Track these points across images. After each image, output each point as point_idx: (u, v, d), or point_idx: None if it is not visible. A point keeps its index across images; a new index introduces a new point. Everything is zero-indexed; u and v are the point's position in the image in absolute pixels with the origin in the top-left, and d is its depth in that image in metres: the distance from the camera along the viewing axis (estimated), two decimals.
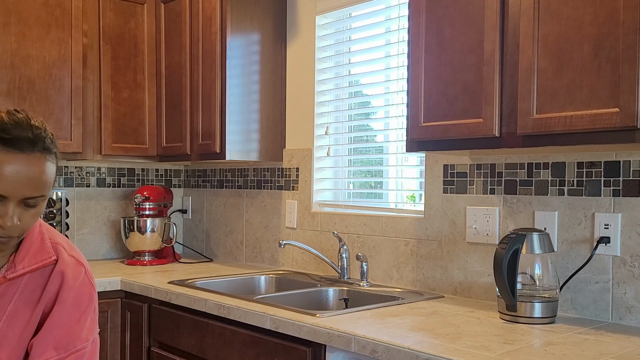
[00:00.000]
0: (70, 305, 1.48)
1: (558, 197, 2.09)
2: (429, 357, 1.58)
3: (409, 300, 2.27)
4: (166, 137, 3.19)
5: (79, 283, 1.51)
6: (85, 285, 1.53)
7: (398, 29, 2.64)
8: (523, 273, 1.96)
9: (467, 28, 1.92)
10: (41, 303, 1.47)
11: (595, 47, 1.62)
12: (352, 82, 2.90)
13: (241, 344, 2.16)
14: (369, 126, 2.92)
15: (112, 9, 3.10)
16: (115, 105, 3.11)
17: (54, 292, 1.48)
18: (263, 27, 3.00)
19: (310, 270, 2.92)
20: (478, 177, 2.31)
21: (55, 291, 1.48)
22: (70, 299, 1.49)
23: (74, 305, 1.49)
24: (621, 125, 1.57)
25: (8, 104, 2.77)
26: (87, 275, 1.54)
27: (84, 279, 1.53)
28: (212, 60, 2.89)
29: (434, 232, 2.45)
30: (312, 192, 2.97)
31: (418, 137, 2.06)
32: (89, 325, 1.52)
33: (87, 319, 1.52)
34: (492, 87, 1.85)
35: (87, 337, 1.50)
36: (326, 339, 1.84)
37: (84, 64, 3.00)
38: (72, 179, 3.33)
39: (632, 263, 1.92)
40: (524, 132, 1.77)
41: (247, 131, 2.95)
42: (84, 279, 1.53)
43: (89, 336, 1.51)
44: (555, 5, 1.70)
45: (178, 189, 3.74)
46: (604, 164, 1.98)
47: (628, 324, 1.92)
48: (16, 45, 2.80)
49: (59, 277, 1.48)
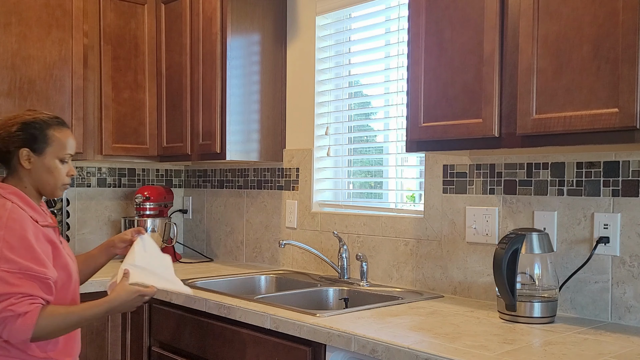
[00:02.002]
0: None
1: (557, 197, 2.09)
2: (428, 356, 1.58)
3: (408, 300, 2.27)
4: (167, 137, 3.19)
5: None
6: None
7: (398, 29, 2.64)
8: (522, 273, 1.97)
9: (466, 28, 1.92)
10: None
11: (594, 48, 1.63)
12: (352, 82, 2.91)
13: (241, 344, 2.16)
14: (369, 126, 2.93)
15: (113, 10, 3.11)
16: (115, 106, 3.12)
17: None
18: (263, 27, 3.00)
19: (310, 270, 2.93)
20: (478, 177, 2.31)
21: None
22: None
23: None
24: (620, 125, 1.57)
25: (9, 104, 2.78)
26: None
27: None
28: (212, 60, 2.90)
29: (434, 232, 2.45)
30: (312, 192, 2.97)
31: (418, 138, 2.07)
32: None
33: None
34: (491, 87, 1.86)
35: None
36: (326, 339, 1.85)
37: (84, 64, 3.00)
38: (73, 179, 3.33)
39: (631, 263, 1.93)
40: (523, 133, 1.77)
41: (248, 131, 2.95)
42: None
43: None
44: (555, 5, 1.70)
45: (178, 189, 3.74)
46: (603, 164, 1.98)
47: (627, 323, 1.93)
48: (17, 46, 2.81)
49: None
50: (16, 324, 1.72)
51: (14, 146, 1.89)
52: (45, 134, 1.91)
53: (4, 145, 1.90)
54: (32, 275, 1.76)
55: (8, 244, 1.75)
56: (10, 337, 1.74)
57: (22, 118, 1.91)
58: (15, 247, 1.76)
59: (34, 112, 1.96)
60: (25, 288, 1.74)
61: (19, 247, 1.76)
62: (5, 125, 1.91)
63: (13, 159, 1.90)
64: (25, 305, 1.73)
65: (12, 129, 1.89)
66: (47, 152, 1.92)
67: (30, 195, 1.91)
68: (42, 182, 1.93)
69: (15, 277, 1.73)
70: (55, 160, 1.93)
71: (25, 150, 1.89)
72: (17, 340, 1.76)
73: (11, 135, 1.89)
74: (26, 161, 1.89)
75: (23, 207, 1.84)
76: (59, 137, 1.94)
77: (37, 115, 1.94)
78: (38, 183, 1.93)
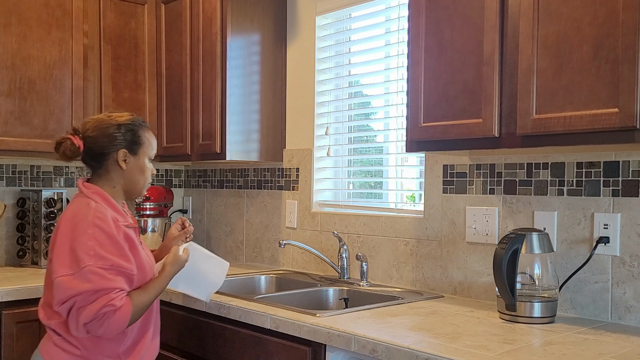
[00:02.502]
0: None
1: (557, 197, 2.09)
2: (428, 356, 1.58)
3: (408, 300, 2.27)
4: (167, 137, 3.19)
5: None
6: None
7: (398, 29, 2.64)
8: (522, 273, 1.97)
9: (466, 29, 1.92)
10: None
11: (594, 48, 1.63)
12: (352, 82, 2.91)
13: (241, 344, 2.16)
14: (369, 126, 2.93)
15: (113, 10, 3.11)
16: (115, 106, 3.12)
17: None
18: (263, 27, 3.00)
19: (310, 270, 2.93)
20: (477, 177, 2.31)
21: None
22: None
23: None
24: (620, 125, 1.57)
25: (9, 104, 2.78)
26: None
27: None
28: (212, 60, 2.90)
29: (434, 232, 2.45)
30: (312, 192, 2.97)
31: (418, 138, 2.07)
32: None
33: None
34: (491, 87, 1.86)
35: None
36: (326, 339, 1.85)
37: (84, 64, 3.00)
38: (73, 179, 3.33)
39: (631, 263, 1.93)
40: (523, 133, 1.77)
41: (248, 131, 2.95)
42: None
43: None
44: (555, 5, 1.70)
45: (178, 189, 3.74)
46: (603, 164, 1.98)
47: (627, 323, 1.93)
48: (17, 46, 2.81)
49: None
50: (114, 317, 1.79)
51: (112, 148, 1.94)
52: (139, 134, 1.99)
53: (101, 147, 1.94)
54: (122, 271, 1.83)
55: (99, 242, 1.81)
56: (107, 332, 1.81)
57: (114, 120, 1.96)
58: (105, 244, 1.82)
59: (120, 114, 2.00)
60: (119, 283, 1.82)
61: (108, 245, 1.83)
62: (99, 127, 1.95)
63: (108, 160, 1.95)
64: (122, 299, 1.81)
65: (108, 130, 1.94)
66: (140, 153, 2.00)
67: (116, 196, 1.98)
68: (133, 182, 2.01)
69: (110, 273, 1.80)
70: (146, 160, 2.03)
71: (123, 151, 1.95)
72: (113, 334, 1.85)
73: (110, 136, 1.94)
74: (123, 162, 1.96)
75: (105, 207, 1.90)
76: (149, 137, 2.03)
77: (129, 117, 2.00)
78: (129, 183, 2.00)
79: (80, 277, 1.77)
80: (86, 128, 1.96)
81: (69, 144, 1.93)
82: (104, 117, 1.99)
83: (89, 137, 1.94)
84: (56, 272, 1.80)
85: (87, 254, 1.78)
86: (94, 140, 1.94)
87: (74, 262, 1.79)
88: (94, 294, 1.77)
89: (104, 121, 1.96)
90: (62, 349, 1.87)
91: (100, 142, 1.94)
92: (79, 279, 1.77)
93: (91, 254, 1.79)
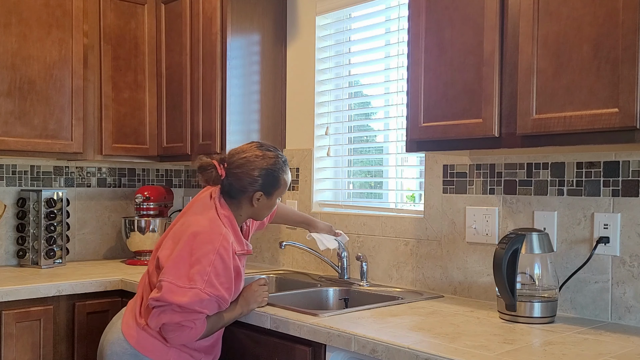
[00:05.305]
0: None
1: (557, 197, 2.09)
2: (428, 356, 1.58)
3: (408, 300, 2.27)
4: (167, 137, 3.19)
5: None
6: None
7: (398, 29, 2.64)
8: (522, 273, 1.97)
9: (466, 29, 1.92)
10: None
11: (594, 48, 1.63)
12: (352, 82, 2.91)
13: (241, 344, 2.16)
14: (369, 126, 2.93)
15: (113, 10, 3.11)
16: (115, 106, 3.12)
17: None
18: (263, 27, 3.00)
19: (310, 270, 2.93)
20: (477, 177, 2.31)
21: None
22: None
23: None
24: (620, 125, 1.57)
25: (8, 104, 2.78)
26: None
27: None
28: (212, 60, 2.90)
29: (434, 232, 2.45)
30: (312, 192, 2.97)
31: (418, 138, 2.07)
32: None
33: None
34: (491, 87, 1.86)
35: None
36: (326, 339, 1.85)
37: (84, 64, 3.00)
38: (73, 179, 3.33)
39: (631, 263, 1.93)
40: (523, 133, 1.77)
41: (248, 131, 2.95)
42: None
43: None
44: (555, 5, 1.70)
45: (179, 189, 3.74)
46: (603, 164, 1.98)
47: (627, 323, 1.93)
48: (17, 46, 2.81)
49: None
50: (187, 333, 1.93)
51: (251, 189, 2.04)
52: (279, 178, 2.07)
53: (242, 187, 2.04)
54: (220, 302, 1.96)
55: (216, 271, 1.92)
56: (175, 340, 1.96)
57: (260, 162, 2.03)
58: (220, 274, 1.93)
59: (267, 152, 2.06)
60: (210, 310, 1.95)
61: (222, 276, 1.94)
62: (246, 167, 2.02)
63: (243, 196, 2.05)
64: (202, 321, 1.95)
65: (254, 173, 2.02)
66: (274, 194, 2.10)
67: (240, 221, 2.10)
68: (258, 215, 2.14)
69: (210, 302, 1.92)
70: (278, 199, 2.15)
71: (260, 193, 2.05)
72: (179, 343, 1.98)
73: (253, 179, 2.02)
74: (257, 200, 2.06)
75: (231, 234, 2.00)
76: (286, 179, 2.11)
77: (276, 160, 2.06)
78: (255, 215, 2.13)
79: (186, 292, 1.89)
80: (232, 161, 2.04)
81: (214, 174, 2.02)
82: (253, 156, 2.03)
83: (233, 173, 2.03)
84: (168, 274, 1.92)
85: (201, 278, 1.90)
86: (237, 178, 2.03)
87: (188, 277, 1.91)
88: (186, 308, 1.90)
89: (251, 163, 2.02)
90: (149, 334, 1.99)
91: (242, 182, 2.03)
92: (183, 293, 1.89)
93: (205, 279, 1.90)
